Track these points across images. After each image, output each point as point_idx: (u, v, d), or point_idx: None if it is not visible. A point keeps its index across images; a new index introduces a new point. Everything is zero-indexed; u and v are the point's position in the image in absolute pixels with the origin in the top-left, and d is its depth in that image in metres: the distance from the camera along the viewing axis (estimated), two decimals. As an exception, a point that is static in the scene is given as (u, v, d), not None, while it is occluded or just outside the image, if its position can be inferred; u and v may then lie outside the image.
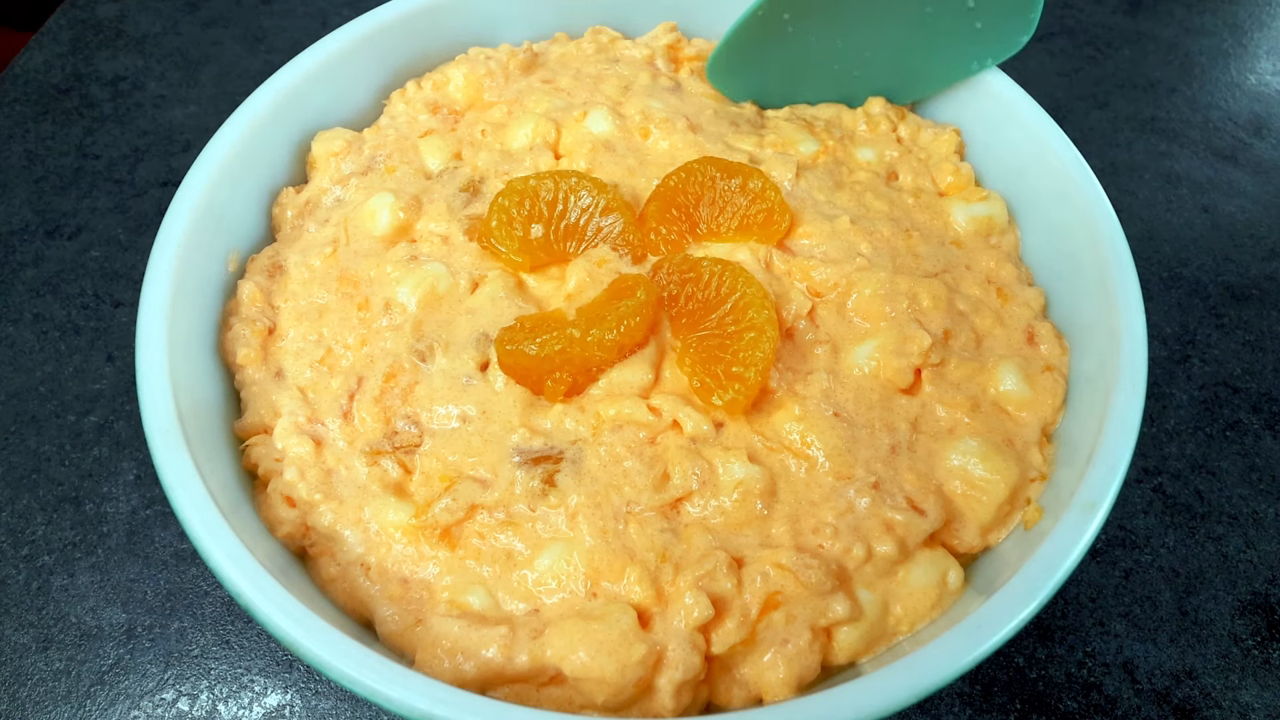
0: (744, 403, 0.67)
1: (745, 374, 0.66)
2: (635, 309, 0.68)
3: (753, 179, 0.77)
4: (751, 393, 0.67)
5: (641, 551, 0.63)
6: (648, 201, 0.78)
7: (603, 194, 0.76)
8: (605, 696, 0.58)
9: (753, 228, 0.77)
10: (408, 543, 0.65)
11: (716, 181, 0.77)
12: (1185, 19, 1.41)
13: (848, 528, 0.65)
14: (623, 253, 0.75)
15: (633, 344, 0.69)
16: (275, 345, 0.75)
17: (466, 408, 0.69)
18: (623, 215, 0.76)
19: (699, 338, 0.70)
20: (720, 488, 0.65)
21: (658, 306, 0.71)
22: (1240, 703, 0.81)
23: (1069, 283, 0.78)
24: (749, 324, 0.68)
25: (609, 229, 0.76)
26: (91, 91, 1.23)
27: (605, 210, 0.75)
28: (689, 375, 0.70)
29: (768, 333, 0.67)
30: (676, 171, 0.77)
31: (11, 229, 1.08)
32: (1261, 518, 0.91)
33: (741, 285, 0.70)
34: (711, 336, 0.69)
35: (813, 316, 0.74)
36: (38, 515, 0.87)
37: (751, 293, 0.69)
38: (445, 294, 0.74)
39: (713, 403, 0.68)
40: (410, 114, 0.89)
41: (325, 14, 1.35)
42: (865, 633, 0.64)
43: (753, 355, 0.67)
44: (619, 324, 0.67)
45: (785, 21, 0.84)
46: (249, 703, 0.78)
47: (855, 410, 0.70)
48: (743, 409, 0.68)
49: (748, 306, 0.69)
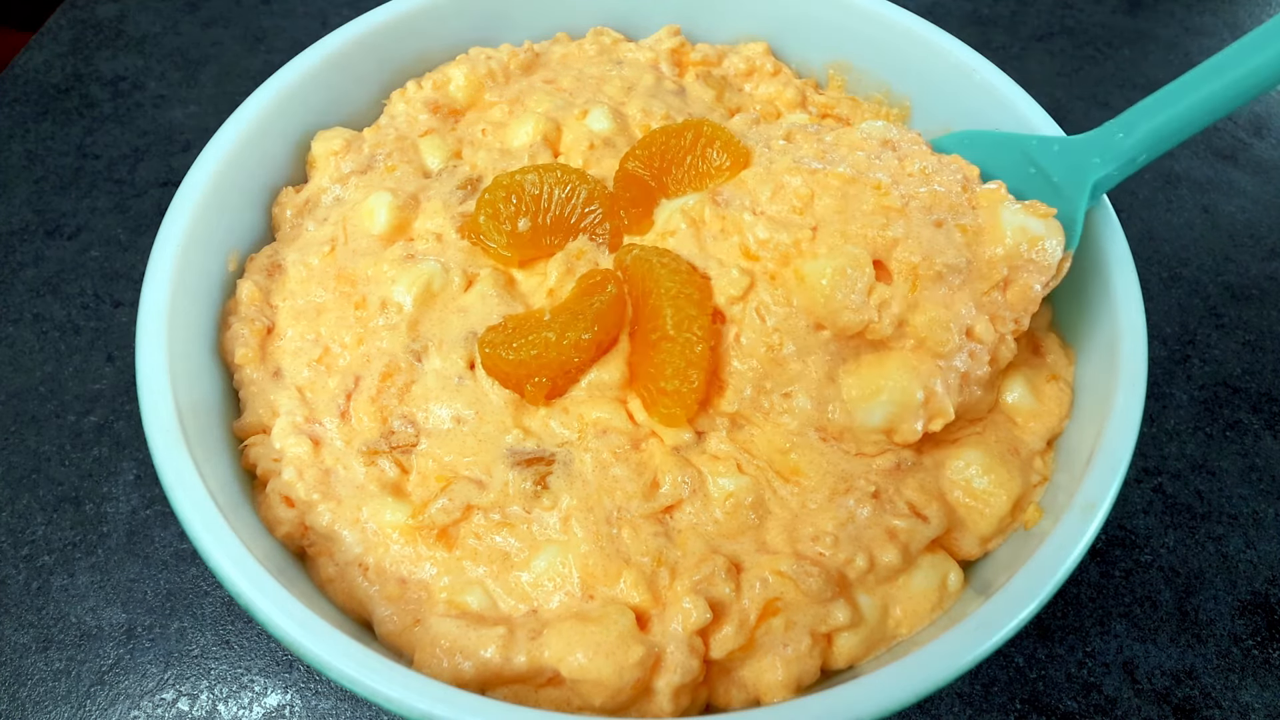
0: (679, 417, 0.66)
1: (668, 388, 0.65)
2: (608, 305, 0.67)
3: (704, 127, 0.76)
4: (683, 405, 0.65)
5: (636, 555, 0.63)
6: (614, 185, 0.77)
7: (584, 184, 0.75)
8: (603, 698, 0.58)
9: (709, 174, 0.75)
10: (405, 543, 0.65)
11: (670, 142, 0.76)
12: (1185, 19, 1.41)
13: (848, 537, 0.64)
14: (600, 241, 0.75)
15: (610, 340, 0.68)
16: (274, 345, 0.75)
17: (460, 408, 0.69)
18: (603, 205, 0.75)
19: (638, 345, 0.69)
20: (711, 499, 0.65)
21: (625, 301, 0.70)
22: (1240, 703, 0.81)
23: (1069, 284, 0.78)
24: (662, 333, 0.65)
25: (590, 218, 0.75)
26: (91, 91, 1.23)
27: (587, 200, 0.75)
28: (637, 389, 0.69)
29: (678, 341, 0.64)
30: (632, 150, 0.77)
31: (11, 229, 1.08)
32: (1261, 518, 0.91)
33: (654, 284, 0.66)
34: (643, 343, 0.68)
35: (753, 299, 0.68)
36: (38, 515, 0.87)
37: (661, 293, 0.66)
38: (440, 292, 0.74)
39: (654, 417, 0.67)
40: (410, 113, 0.89)
41: (325, 14, 1.35)
42: (865, 637, 0.64)
43: (667, 368, 0.65)
44: (593, 323, 0.66)
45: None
46: (249, 703, 0.78)
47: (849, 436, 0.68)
48: (680, 422, 0.67)
49: (658, 311, 0.66)
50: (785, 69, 0.96)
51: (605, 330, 0.67)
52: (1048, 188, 0.74)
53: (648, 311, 0.67)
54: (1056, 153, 0.74)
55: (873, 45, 0.93)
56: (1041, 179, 0.74)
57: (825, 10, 0.93)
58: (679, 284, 0.66)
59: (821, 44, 0.95)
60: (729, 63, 0.96)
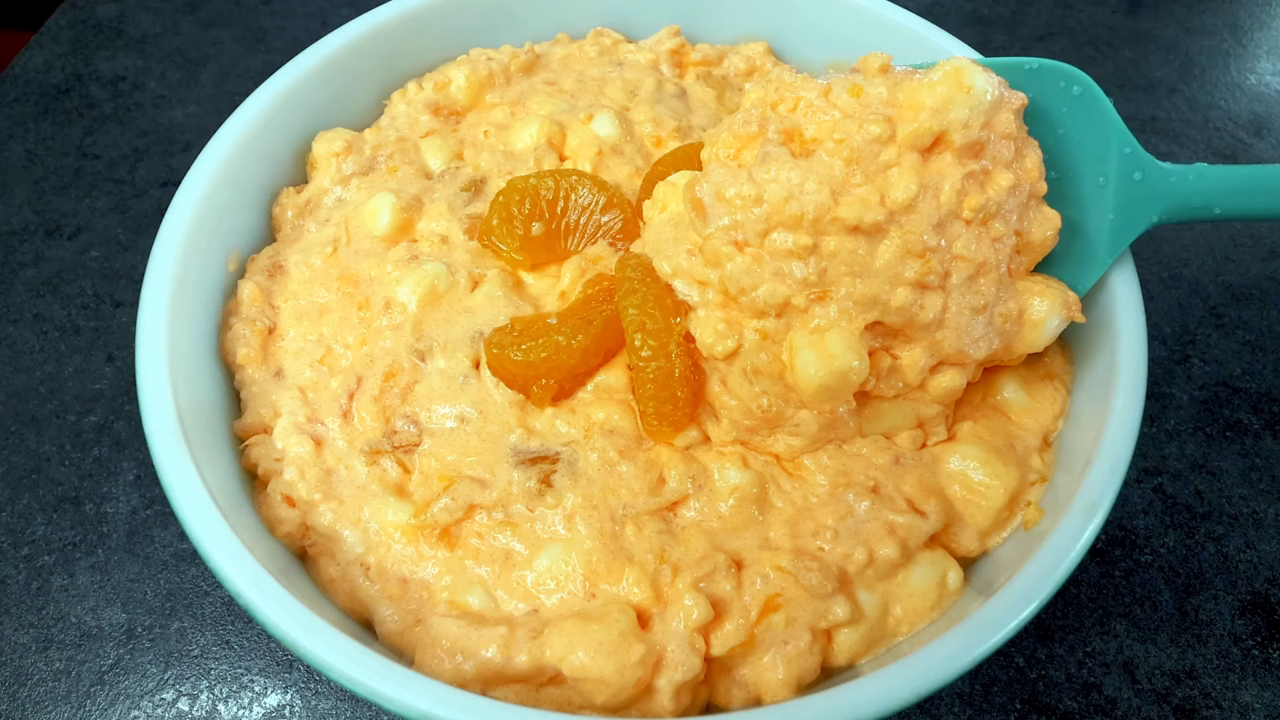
0: (668, 434, 0.67)
1: (648, 410, 0.66)
2: (616, 314, 0.67)
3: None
4: (670, 424, 0.66)
5: (639, 553, 0.63)
6: (640, 189, 0.78)
7: (603, 192, 0.76)
8: (604, 697, 0.58)
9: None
10: (407, 542, 0.65)
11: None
12: (1185, 19, 1.41)
13: (848, 531, 0.65)
14: (620, 248, 0.75)
15: (617, 347, 0.69)
16: (275, 345, 0.75)
17: (464, 408, 0.69)
18: (622, 212, 0.76)
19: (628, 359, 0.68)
20: (716, 493, 0.65)
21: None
22: (1240, 703, 0.81)
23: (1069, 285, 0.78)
24: (635, 358, 0.65)
25: (608, 225, 0.76)
26: (91, 91, 1.23)
27: (605, 208, 0.76)
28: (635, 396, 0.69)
29: (648, 369, 0.64)
30: (665, 157, 0.78)
31: (11, 229, 1.08)
32: (1261, 518, 0.91)
33: (622, 310, 0.65)
34: (629, 363, 0.68)
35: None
36: (38, 515, 0.87)
37: (628, 320, 0.64)
38: (445, 293, 0.74)
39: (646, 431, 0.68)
40: (411, 114, 0.89)
41: (325, 14, 1.35)
42: (865, 634, 0.64)
43: (645, 394, 0.65)
44: (604, 329, 0.67)
45: None
46: (249, 703, 0.78)
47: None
48: (670, 439, 0.67)
49: (630, 338, 0.65)
50: (786, 68, 0.96)
51: (614, 338, 0.67)
52: (1099, 219, 0.68)
53: (626, 336, 0.66)
54: (1137, 181, 0.66)
55: (873, 45, 0.93)
56: (1099, 201, 0.67)
57: (825, 10, 0.93)
58: (643, 313, 0.64)
59: (821, 44, 0.95)
60: (729, 63, 0.96)
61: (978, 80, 0.59)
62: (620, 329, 0.67)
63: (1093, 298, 0.74)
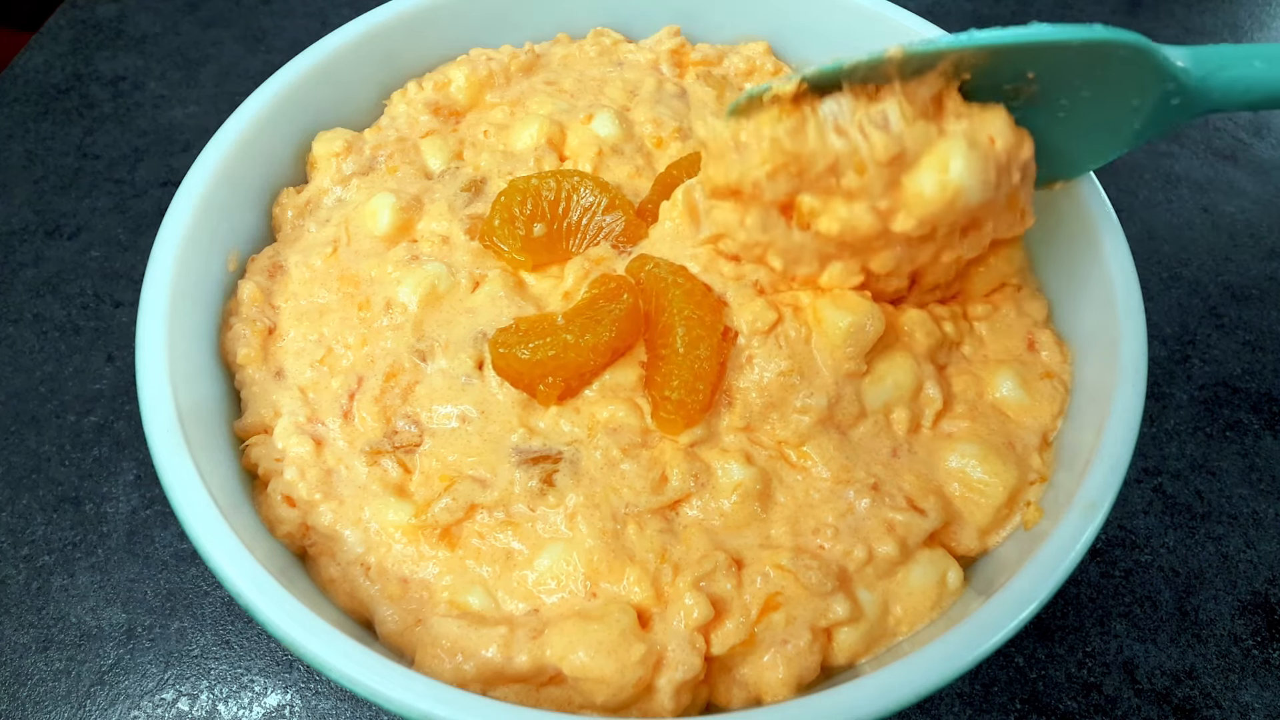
0: (678, 424, 0.66)
1: (673, 397, 0.66)
2: (626, 313, 0.67)
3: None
4: (684, 415, 0.66)
5: (641, 552, 0.63)
6: (650, 191, 0.78)
7: (605, 193, 0.76)
8: (605, 696, 0.58)
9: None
10: (407, 542, 0.65)
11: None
12: (1185, 19, 1.41)
13: (848, 529, 0.65)
14: (621, 249, 0.75)
15: (625, 347, 0.69)
16: (275, 345, 0.75)
17: (466, 407, 0.69)
18: (625, 213, 0.76)
19: (650, 355, 0.69)
20: (719, 490, 0.65)
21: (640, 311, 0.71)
22: (1240, 703, 0.81)
23: (1069, 284, 0.78)
24: (672, 349, 0.66)
25: (610, 226, 0.76)
26: (91, 91, 1.23)
27: (608, 209, 0.76)
28: (647, 392, 0.69)
29: (687, 358, 0.65)
30: (680, 160, 0.78)
31: (11, 229, 1.08)
32: (1261, 518, 0.91)
33: (668, 302, 0.67)
34: (654, 355, 0.68)
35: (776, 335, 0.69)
36: (38, 515, 0.87)
37: (674, 311, 0.67)
38: (446, 293, 0.74)
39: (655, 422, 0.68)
40: (411, 114, 0.89)
41: (325, 14, 1.35)
42: (865, 633, 0.64)
43: (674, 379, 0.66)
44: (612, 328, 0.67)
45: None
46: (249, 703, 0.78)
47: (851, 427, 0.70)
48: (679, 430, 0.67)
49: (670, 329, 0.67)
50: (786, 68, 0.96)
51: (622, 337, 0.67)
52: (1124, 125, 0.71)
53: (661, 327, 0.67)
54: (1175, 106, 0.68)
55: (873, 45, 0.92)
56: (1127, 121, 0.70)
57: (825, 10, 0.93)
58: (692, 306, 0.67)
59: (821, 44, 0.95)
60: (729, 63, 0.96)
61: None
62: (629, 328, 0.67)
63: (1093, 296, 0.74)
